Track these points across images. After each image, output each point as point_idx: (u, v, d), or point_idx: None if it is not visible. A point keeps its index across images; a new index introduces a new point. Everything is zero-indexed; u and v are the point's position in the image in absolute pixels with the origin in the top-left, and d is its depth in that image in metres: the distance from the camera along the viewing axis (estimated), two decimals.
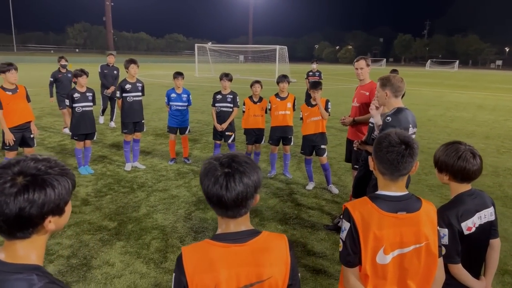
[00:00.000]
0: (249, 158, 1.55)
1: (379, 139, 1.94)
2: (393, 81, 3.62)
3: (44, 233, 1.28)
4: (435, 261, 1.94)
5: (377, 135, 4.47)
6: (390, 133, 1.92)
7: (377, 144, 1.94)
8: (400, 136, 1.90)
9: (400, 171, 1.89)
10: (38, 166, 1.22)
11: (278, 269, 1.52)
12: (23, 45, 77.71)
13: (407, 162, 1.87)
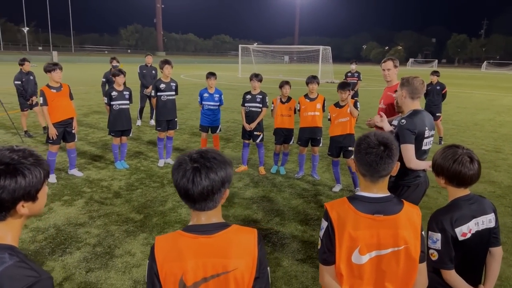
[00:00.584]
0: (219, 154, 1.62)
1: (358, 141, 1.95)
2: (411, 82, 3.54)
3: (18, 217, 1.43)
4: (414, 266, 1.91)
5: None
6: (369, 135, 1.92)
7: (356, 146, 1.95)
8: (379, 138, 1.89)
9: (380, 173, 1.88)
10: (12, 156, 1.38)
11: (244, 262, 1.59)
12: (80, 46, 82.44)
13: (386, 163, 1.86)
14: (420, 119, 3.44)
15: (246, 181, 6.89)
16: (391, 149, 1.87)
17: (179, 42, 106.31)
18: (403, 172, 3.44)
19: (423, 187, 3.63)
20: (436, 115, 10.35)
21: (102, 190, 6.24)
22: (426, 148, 3.51)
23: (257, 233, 1.67)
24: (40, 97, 6.37)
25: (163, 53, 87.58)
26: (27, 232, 4.71)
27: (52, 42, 75.32)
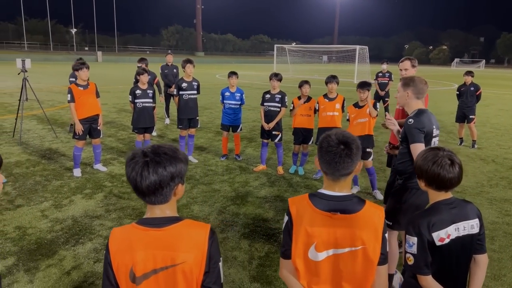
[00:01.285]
0: (172, 150, 1.66)
1: (321, 139, 1.93)
2: (416, 82, 3.49)
3: None
4: (372, 267, 1.87)
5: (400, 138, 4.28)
6: (330, 134, 1.89)
7: (319, 145, 1.92)
8: (339, 137, 1.86)
9: (339, 171, 1.85)
10: None
11: (193, 256, 1.62)
12: (123, 46, 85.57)
13: (345, 162, 1.83)
14: (427, 118, 3.39)
15: (263, 181, 6.90)
16: (351, 149, 1.83)
17: (218, 43, 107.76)
18: (413, 173, 3.36)
19: None
20: (469, 117, 9.91)
21: (122, 185, 6.47)
22: None
23: (209, 229, 1.70)
24: (68, 94, 6.70)
25: (201, 53, 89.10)
26: (46, 222, 4.98)
27: (97, 42, 78.65)
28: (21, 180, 6.47)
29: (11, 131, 9.74)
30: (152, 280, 1.62)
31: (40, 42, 76.86)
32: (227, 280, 3.90)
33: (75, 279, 3.82)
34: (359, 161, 1.90)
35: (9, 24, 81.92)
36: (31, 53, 63.60)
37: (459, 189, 6.79)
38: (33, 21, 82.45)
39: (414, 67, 5.19)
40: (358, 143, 1.87)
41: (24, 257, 4.16)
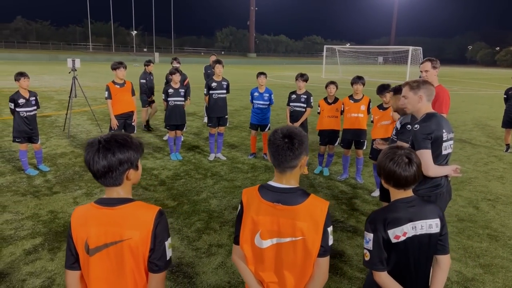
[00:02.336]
0: (125, 139, 1.84)
1: (270, 134, 2.02)
2: (427, 84, 3.34)
3: None
4: (310, 258, 1.94)
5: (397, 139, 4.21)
6: (278, 128, 1.98)
7: (268, 139, 2.01)
8: (284, 131, 1.94)
9: (283, 164, 1.94)
10: None
11: (139, 233, 1.80)
12: (179, 48, 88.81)
13: (287, 155, 1.91)
14: (436, 122, 3.23)
15: None
16: (293, 143, 1.91)
17: (270, 44, 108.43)
18: (422, 180, 3.27)
19: (446, 197, 3.40)
20: None
21: (151, 178, 6.85)
22: (446, 153, 3.28)
23: (157, 210, 1.87)
24: (105, 91, 7.21)
25: (254, 55, 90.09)
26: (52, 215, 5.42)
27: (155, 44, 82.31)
28: (62, 169, 7.07)
29: (63, 125, 10.59)
30: (104, 253, 1.82)
31: (103, 43, 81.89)
32: (227, 271, 4.05)
33: None
34: (304, 156, 1.98)
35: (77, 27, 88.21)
36: (95, 54, 67.98)
37: (491, 196, 6.45)
38: (98, 24, 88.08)
39: (435, 68, 5.04)
40: (302, 139, 1.94)
41: (51, 238, 4.60)
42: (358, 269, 4.17)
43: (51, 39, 79.83)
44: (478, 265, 4.33)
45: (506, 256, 4.54)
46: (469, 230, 5.18)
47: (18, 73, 6.43)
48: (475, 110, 16.93)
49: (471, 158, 8.88)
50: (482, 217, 5.64)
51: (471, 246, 4.75)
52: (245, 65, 65.98)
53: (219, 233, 4.89)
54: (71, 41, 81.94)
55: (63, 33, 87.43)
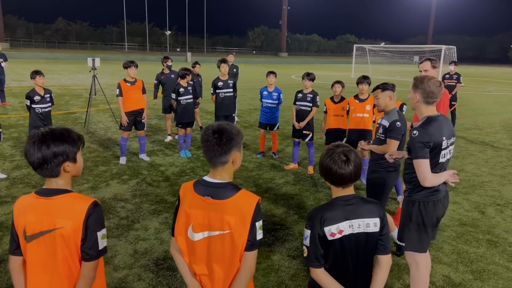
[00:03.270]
0: (62, 132, 1.95)
1: (203, 130, 2.07)
2: (426, 84, 3.15)
3: None
4: (236, 252, 1.98)
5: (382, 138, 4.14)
6: (210, 125, 2.03)
7: (201, 135, 2.06)
8: (214, 127, 2.00)
9: (214, 159, 1.99)
10: None
11: (71, 223, 1.90)
12: (211, 48, 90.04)
13: (216, 150, 1.96)
14: (436, 128, 3.08)
15: (289, 179, 6.99)
16: (221, 138, 1.95)
17: (302, 43, 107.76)
18: (416, 186, 3.20)
19: (444, 203, 3.31)
20: None
21: (157, 173, 7.04)
22: (443, 161, 3.17)
23: (92, 202, 1.96)
24: (117, 89, 7.47)
25: (285, 54, 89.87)
26: None
27: (188, 44, 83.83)
28: None
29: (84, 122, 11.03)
30: (40, 240, 1.93)
31: (138, 43, 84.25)
32: None
33: None
34: (236, 152, 2.02)
35: (114, 27, 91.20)
36: (130, 54, 70.04)
37: (501, 201, 6.20)
38: (133, 25, 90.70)
39: (434, 68, 4.92)
40: (231, 135, 1.98)
41: None
42: None
43: (89, 39, 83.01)
44: (469, 270, 4.18)
45: (501, 262, 4.36)
46: (468, 235, 5.00)
47: (34, 72, 6.79)
48: (505, 112, 16.19)
49: (489, 161, 8.52)
50: (486, 222, 5.43)
51: (466, 251, 4.59)
52: (276, 65, 65.87)
53: None
54: (108, 41, 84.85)
55: (100, 33, 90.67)
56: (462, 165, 8.13)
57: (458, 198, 6.26)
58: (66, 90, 18.73)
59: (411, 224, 3.28)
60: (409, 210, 3.31)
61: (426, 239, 3.29)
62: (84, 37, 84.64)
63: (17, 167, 7.11)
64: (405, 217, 3.34)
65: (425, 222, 3.25)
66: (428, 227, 3.26)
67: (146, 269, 4.05)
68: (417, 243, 3.28)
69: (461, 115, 14.81)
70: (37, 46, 73.27)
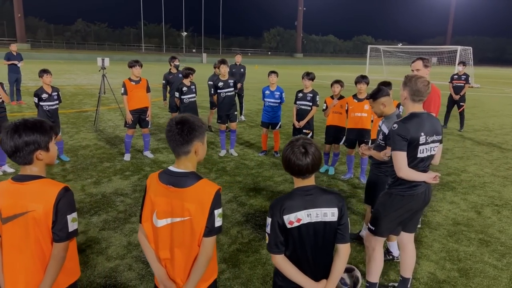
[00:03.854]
0: (34, 123, 2.08)
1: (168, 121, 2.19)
2: (413, 82, 3.26)
3: None
4: (195, 238, 2.10)
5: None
6: (173, 117, 2.16)
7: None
8: (177, 118, 2.12)
9: (176, 149, 2.12)
10: None
11: (42, 207, 2.04)
12: (227, 48, 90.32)
13: (177, 140, 2.08)
14: (416, 124, 3.20)
15: (288, 177, 7.06)
16: (183, 129, 2.07)
17: (318, 44, 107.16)
18: (398, 179, 3.31)
19: (420, 199, 3.38)
20: None
21: (158, 170, 7.20)
22: (423, 156, 3.26)
23: (62, 187, 2.10)
24: (122, 87, 7.68)
25: (300, 55, 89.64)
26: (81, 195, 5.89)
27: (204, 45, 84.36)
28: (81, 160, 7.63)
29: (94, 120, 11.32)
30: (15, 222, 2.08)
31: (155, 44, 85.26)
32: None
33: (78, 241, 4.52)
34: (198, 143, 2.13)
35: (131, 29, 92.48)
36: (146, 55, 70.97)
37: (500, 202, 6.15)
38: (150, 26, 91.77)
39: (426, 67, 4.94)
40: (193, 126, 2.10)
41: None
42: None
43: (107, 40, 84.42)
44: (456, 268, 4.20)
45: (490, 261, 4.36)
46: (460, 234, 5.00)
47: (42, 70, 7.04)
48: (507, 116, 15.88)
49: (494, 162, 8.43)
50: (481, 222, 5.41)
51: (456, 249, 4.60)
52: (291, 66, 65.76)
53: None
54: (125, 42, 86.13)
55: (118, 34, 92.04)
56: (465, 166, 8.07)
57: (456, 198, 6.24)
58: (80, 90, 19.18)
59: (386, 213, 3.41)
60: (385, 199, 3.47)
61: (394, 227, 3.48)
62: (102, 38, 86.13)
63: None
64: (380, 205, 3.48)
65: (396, 213, 3.39)
66: (399, 218, 3.41)
67: (137, 260, 4.20)
68: (385, 231, 3.48)
69: (473, 116, 14.62)
70: (57, 47, 74.93)
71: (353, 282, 3.71)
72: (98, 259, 4.20)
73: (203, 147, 2.21)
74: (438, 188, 6.69)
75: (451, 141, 10.45)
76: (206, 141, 2.27)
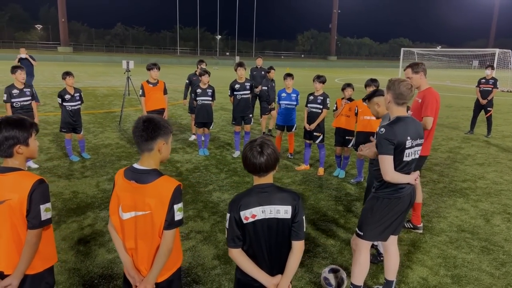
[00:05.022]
0: (15, 120, 2.34)
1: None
2: (396, 86, 3.31)
3: None
4: (157, 230, 2.26)
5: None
6: (143, 115, 2.32)
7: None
8: (144, 117, 2.30)
9: (140, 144, 2.29)
10: None
11: (18, 196, 2.27)
12: (260, 51, 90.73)
13: (142, 136, 2.25)
14: (402, 127, 3.24)
15: (297, 179, 7.12)
16: (148, 126, 2.25)
17: (353, 46, 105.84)
18: (384, 182, 3.36)
19: (407, 201, 3.42)
20: None
21: (172, 169, 7.47)
22: (408, 159, 3.32)
23: (37, 179, 2.31)
24: (140, 89, 8.01)
25: (334, 58, 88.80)
26: (95, 191, 6.20)
27: (237, 48, 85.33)
28: (101, 157, 8.02)
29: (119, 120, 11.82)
30: None
31: (190, 47, 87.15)
32: (194, 254, 4.41)
33: (84, 233, 4.83)
34: (161, 141, 2.29)
35: (167, 32, 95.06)
36: (181, 57, 72.66)
37: (503, 210, 5.93)
38: (186, 30, 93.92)
39: (417, 73, 4.97)
40: (158, 124, 2.27)
41: (62, 212, 5.37)
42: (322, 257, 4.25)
43: (144, 43, 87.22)
44: (449, 275, 4.13)
45: (488, 269, 4.25)
46: (462, 241, 4.89)
47: (64, 73, 7.48)
48: None
49: None
50: (487, 230, 5.26)
51: (454, 256, 4.52)
52: (323, 68, 65.24)
53: (205, 221, 5.26)
54: (161, 45, 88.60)
55: (155, 38, 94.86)
56: (484, 173, 7.81)
57: (466, 205, 6.08)
58: (112, 91, 19.97)
59: (373, 217, 3.42)
60: (372, 204, 3.48)
61: (383, 231, 3.45)
62: (140, 42, 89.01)
63: (50, 159, 7.84)
64: (367, 209, 3.50)
65: (385, 217, 3.40)
66: (387, 221, 3.39)
67: None
68: (373, 235, 3.47)
69: (504, 122, 14.05)
70: (97, 50, 78.19)
71: (338, 282, 3.77)
72: (99, 250, 4.45)
73: (167, 147, 2.36)
74: (449, 194, 6.55)
75: (474, 147, 10.12)
76: (171, 142, 2.43)
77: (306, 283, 3.95)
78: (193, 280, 3.97)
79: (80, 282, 3.85)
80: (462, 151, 9.61)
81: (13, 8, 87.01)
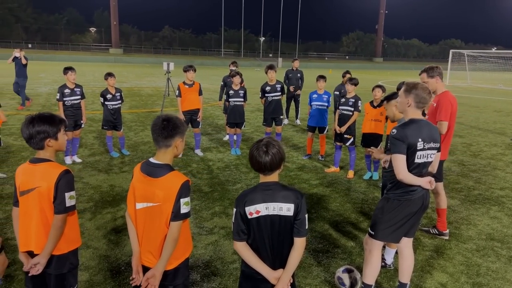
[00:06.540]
0: (45, 116, 2.58)
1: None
2: (419, 90, 3.33)
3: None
4: (164, 221, 2.45)
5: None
6: (161, 115, 2.52)
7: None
8: (163, 115, 2.49)
9: (158, 141, 2.49)
10: None
11: (46, 184, 2.54)
12: (303, 53, 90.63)
13: (161, 133, 2.45)
14: (414, 130, 3.28)
15: (324, 181, 7.14)
16: (167, 125, 2.44)
17: (400, 48, 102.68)
18: (396, 184, 3.43)
19: (418, 203, 3.44)
20: None
21: (204, 167, 7.74)
22: (420, 162, 3.34)
23: (63, 170, 2.57)
24: (176, 90, 8.36)
25: (380, 59, 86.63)
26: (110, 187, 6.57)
27: (281, 50, 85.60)
28: (139, 154, 8.45)
29: None
30: (29, 195, 2.60)
31: (234, 49, 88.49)
32: (215, 248, 4.60)
33: (117, 224, 5.17)
34: (179, 139, 2.48)
35: (213, 34, 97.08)
36: (225, 59, 73.86)
37: None
38: (230, 31, 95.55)
39: (432, 78, 4.93)
40: (177, 124, 2.48)
41: (99, 204, 5.77)
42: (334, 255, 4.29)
43: (190, 45, 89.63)
44: (470, 282, 4.04)
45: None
46: (489, 250, 4.74)
47: (106, 74, 7.96)
48: None
49: None
50: None
51: (479, 264, 4.39)
52: (368, 70, 63.96)
53: (230, 218, 5.44)
54: (207, 47, 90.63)
55: (201, 40, 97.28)
56: None
57: (500, 214, 5.85)
58: (156, 91, 20.79)
59: (383, 217, 3.47)
60: (383, 204, 3.53)
61: (393, 232, 3.47)
62: (186, 44, 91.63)
63: (92, 154, 8.38)
64: (379, 209, 3.55)
65: (395, 218, 3.43)
66: (398, 222, 3.42)
67: None
68: (384, 235, 3.50)
69: None
70: (145, 51, 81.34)
71: (351, 282, 3.82)
72: (128, 241, 4.71)
73: (182, 144, 2.57)
74: (483, 202, 6.32)
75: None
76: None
77: (321, 282, 4.02)
78: (211, 272, 4.15)
79: (108, 268, 4.15)
80: (505, 158, 9.17)
81: (70, 12, 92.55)
